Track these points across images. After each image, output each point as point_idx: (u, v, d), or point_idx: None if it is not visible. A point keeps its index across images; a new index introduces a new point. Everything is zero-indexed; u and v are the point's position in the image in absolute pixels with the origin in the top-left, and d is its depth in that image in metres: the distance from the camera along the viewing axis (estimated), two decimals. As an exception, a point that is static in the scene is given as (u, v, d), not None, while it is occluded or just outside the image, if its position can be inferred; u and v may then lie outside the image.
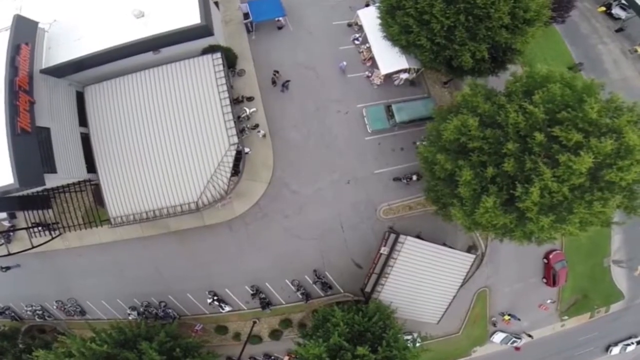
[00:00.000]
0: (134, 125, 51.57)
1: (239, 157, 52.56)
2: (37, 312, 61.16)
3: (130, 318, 58.46)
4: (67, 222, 55.87)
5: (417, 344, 51.25)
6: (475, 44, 44.99)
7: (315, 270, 57.24)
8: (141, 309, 59.32)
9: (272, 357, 60.95)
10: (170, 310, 58.79)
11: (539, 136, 35.75)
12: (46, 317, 61.58)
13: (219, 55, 51.93)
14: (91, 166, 52.15)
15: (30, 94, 44.54)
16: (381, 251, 51.98)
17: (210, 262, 57.77)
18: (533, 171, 36.11)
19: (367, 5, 59.64)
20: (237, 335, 59.39)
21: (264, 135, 56.85)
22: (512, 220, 38.33)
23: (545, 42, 61.60)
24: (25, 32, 45.33)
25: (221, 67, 51.42)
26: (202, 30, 49.86)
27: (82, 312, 60.84)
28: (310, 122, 58.10)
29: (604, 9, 68.65)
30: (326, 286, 57.27)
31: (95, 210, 55.63)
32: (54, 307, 60.77)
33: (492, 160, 38.90)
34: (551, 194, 35.62)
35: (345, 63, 58.73)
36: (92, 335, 48.64)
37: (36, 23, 46.97)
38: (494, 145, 39.05)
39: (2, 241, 58.20)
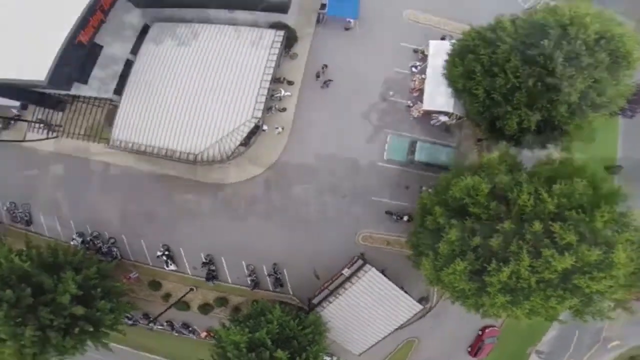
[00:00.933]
0: (176, 68, 57.32)
1: (255, 130, 57.45)
2: (-18, 208, 64.20)
3: (72, 243, 61.07)
4: (70, 129, 61.42)
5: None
6: (529, 111, 45.71)
7: (275, 264, 60.10)
8: (88, 238, 61.85)
9: (190, 329, 63.37)
10: (115, 250, 61.47)
11: (537, 226, 37.84)
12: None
13: (282, 34, 57.82)
14: (119, 89, 57.77)
15: (106, 14, 52.03)
16: (343, 272, 55.03)
17: (180, 217, 61.07)
18: (514, 254, 38.39)
19: (443, 39, 61.97)
20: (167, 296, 61.91)
21: (279, 133, 60.64)
22: (472, 288, 41.01)
23: (598, 131, 58.87)
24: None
25: (279, 45, 57.13)
26: (280, 6, 56.45)
27: (28, 222, 63.31)
28: (334, 126, 61.26)
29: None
30: (278, 282, 59.96)
31: (100, 128, 61.12)
32: (4, 207, 63.55)
33: (482, 230, 41.02)
34: (518, 279, 38.10)
35: (392, 93, 61.99)
36: (22, 249, 51.15)
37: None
38: (491, 218, 41.37)
39: (0, 125, 62.85)
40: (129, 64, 58.96)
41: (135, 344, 65.05)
